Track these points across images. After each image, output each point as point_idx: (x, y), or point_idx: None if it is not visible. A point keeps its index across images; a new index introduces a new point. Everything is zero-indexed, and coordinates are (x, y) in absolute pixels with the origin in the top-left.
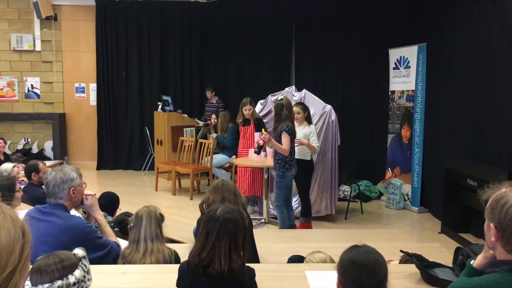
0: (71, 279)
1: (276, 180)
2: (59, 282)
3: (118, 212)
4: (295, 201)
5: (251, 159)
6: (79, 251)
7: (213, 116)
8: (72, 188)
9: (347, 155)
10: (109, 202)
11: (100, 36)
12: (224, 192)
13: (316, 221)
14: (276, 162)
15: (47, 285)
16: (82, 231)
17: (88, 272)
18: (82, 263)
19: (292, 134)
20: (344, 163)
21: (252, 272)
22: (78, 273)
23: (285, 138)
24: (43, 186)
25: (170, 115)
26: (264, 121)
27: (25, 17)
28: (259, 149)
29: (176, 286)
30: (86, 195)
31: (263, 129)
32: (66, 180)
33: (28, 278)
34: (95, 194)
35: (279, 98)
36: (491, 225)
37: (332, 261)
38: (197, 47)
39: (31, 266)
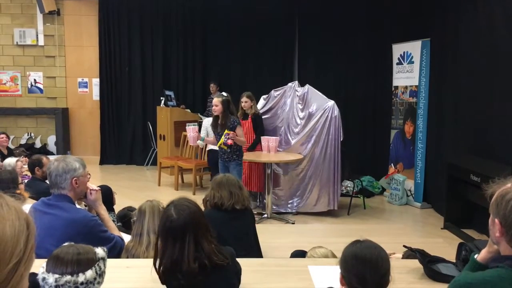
0: (81, 278)
1: (238, 169)
2: (67, 277)
3: (120, 207)
4: (297, 201)
5: (249, 154)
6: (100, 252)
7: None
8: (75, 178)
9: (349, 150)
10: (104, 196)
11: (103, 30)
12: (230, 187)
13: (318, 217)
14: (234, 153)
15: (56, 276)
16: (88, 225)
17: (100, 275)
18: (98, 264)
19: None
20: (347, 158)
21: (230, 251)
22: (89, 274)
23: (240, 130)
24: (47, 181)
25: (172, 110)
26: (266, 116)
27: (28, 11)
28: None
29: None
30: (90, 189)
31: (226, 130)
32: (68, 170)
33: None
34: (99, 189)
35: (224, 94)
36: (496, 220)
37: (333, 256)
38: (200, 42)
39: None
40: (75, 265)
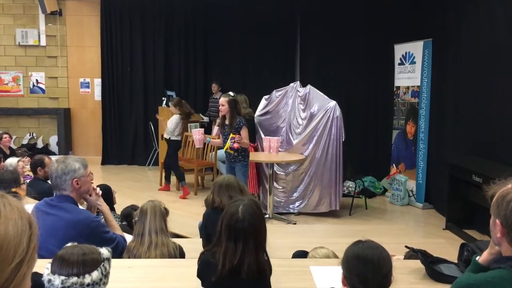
0: (87, 279)
1: (244, 170)
2: (74, 279)
3: (121, 207)
4: (299, 201)
5: (256, 154)
6: (105, 252)
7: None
8: (75, 179)
9: (351, 151)
10: (104, 195)
11: (105, 31)
12: (230, 191)
13: (320, 217)
14: (240, 154)
15: (62, 277)
16: (90, 226)
17: (106, 276)
18: (103, 265)
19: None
20: (349, 159)
21: (270, 265)
22: (95, 275)
23: (245, 132)
24: (49, 181)
25: None
26: (268, 116)
27: (30, 12)
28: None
29: (198, 277)
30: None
31: (232, 134)
32: (68, 171)
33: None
34: (98, 188)
35: (231, 94)
36: (497, 221)
37: (335, 256)
38: (202, 42)
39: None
40: (80, 266)
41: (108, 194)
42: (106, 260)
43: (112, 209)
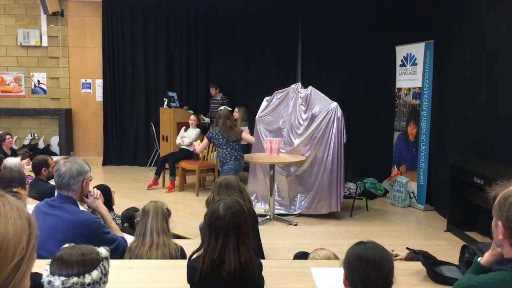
0: (87, 279)
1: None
2: (74, 279)
3: (123, 208)
4: (300, 202)
5: (252, 155)
6: (103, 251)
7: None
8: (85, 181)
9: (353, 152)
10: (103, 195)
11: (106, 32)
12: (229, 191)
13: (321, 219)
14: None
15: (63, 278)
16: (91, 226)
17: (105, 275)
18: (102, 264)
19: None
20: (350, 160)
21: (260, 264)
22: (95, 274)
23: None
24: (50, 181)
25: (175, 111)
26: (269, 117)
27: (32, 12)
28: None
29: (188, 282)
30: (91, 191)
31: None
32: (81, 172)
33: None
34: (96, 190)
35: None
36: (499, 223)
37: (336, 257)
38: (203, 43)
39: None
40: (80, 266)
41: (107, 195)
42: (105, 259)
43: (111, 209)
